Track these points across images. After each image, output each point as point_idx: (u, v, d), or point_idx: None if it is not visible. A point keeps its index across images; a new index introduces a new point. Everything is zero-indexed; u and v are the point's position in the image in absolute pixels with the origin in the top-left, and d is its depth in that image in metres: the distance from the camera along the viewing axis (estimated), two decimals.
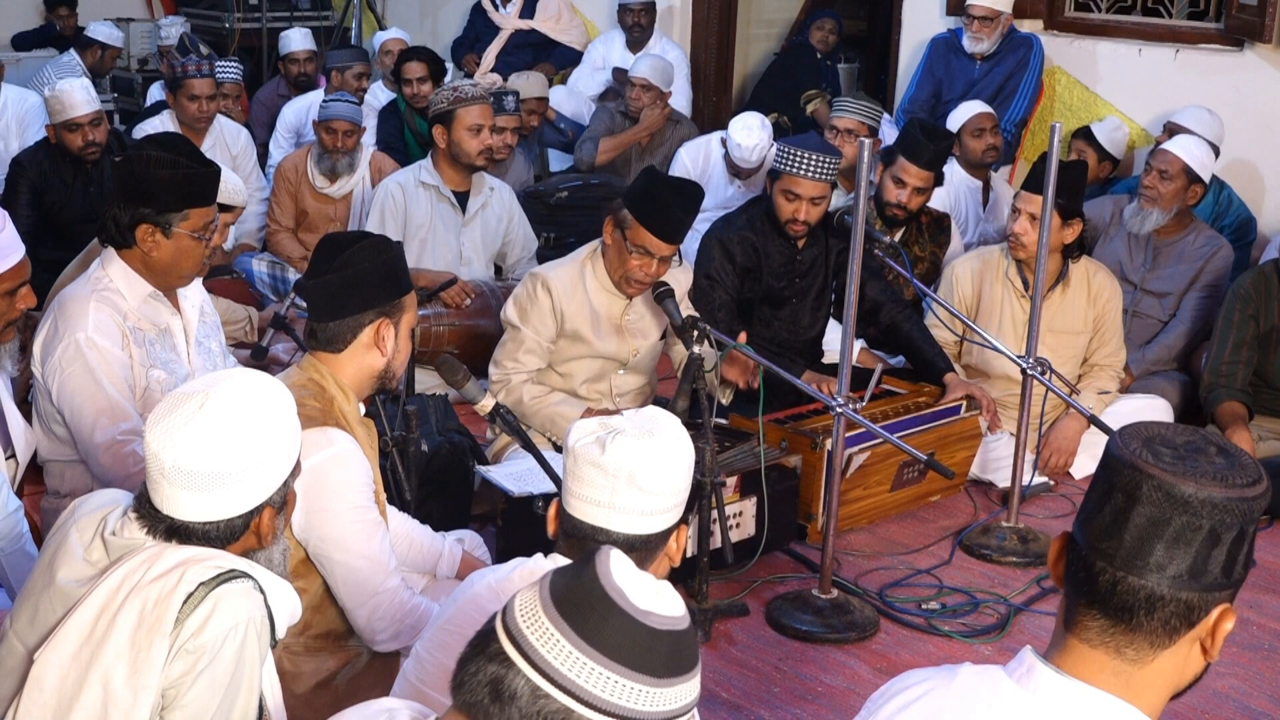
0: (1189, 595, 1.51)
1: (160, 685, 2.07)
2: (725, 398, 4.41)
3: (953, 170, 6.02)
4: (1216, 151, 5.91)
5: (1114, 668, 1.55)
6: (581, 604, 1.47)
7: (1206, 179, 5.30)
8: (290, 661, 2.80)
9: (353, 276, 2.79)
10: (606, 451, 2.17)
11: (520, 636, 1.48)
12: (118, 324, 3.31)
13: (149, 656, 2.06)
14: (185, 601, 2.07)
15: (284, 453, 2.21)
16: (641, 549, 2.22)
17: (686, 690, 1.49)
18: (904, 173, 5.18)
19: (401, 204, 5.36)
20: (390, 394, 3.07)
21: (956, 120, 6.09)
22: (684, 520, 2.30)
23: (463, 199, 5.47)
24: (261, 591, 2.16)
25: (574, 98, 7.86)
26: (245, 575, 2.14)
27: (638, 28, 8.04)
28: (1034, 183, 4.55)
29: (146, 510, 2.18)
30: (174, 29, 8.44)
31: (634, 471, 2.17)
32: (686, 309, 4.24)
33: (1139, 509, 1.51)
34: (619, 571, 1.50)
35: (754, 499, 3.93)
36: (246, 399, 2.15)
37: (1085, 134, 6.32)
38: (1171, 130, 5.89)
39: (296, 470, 2.28)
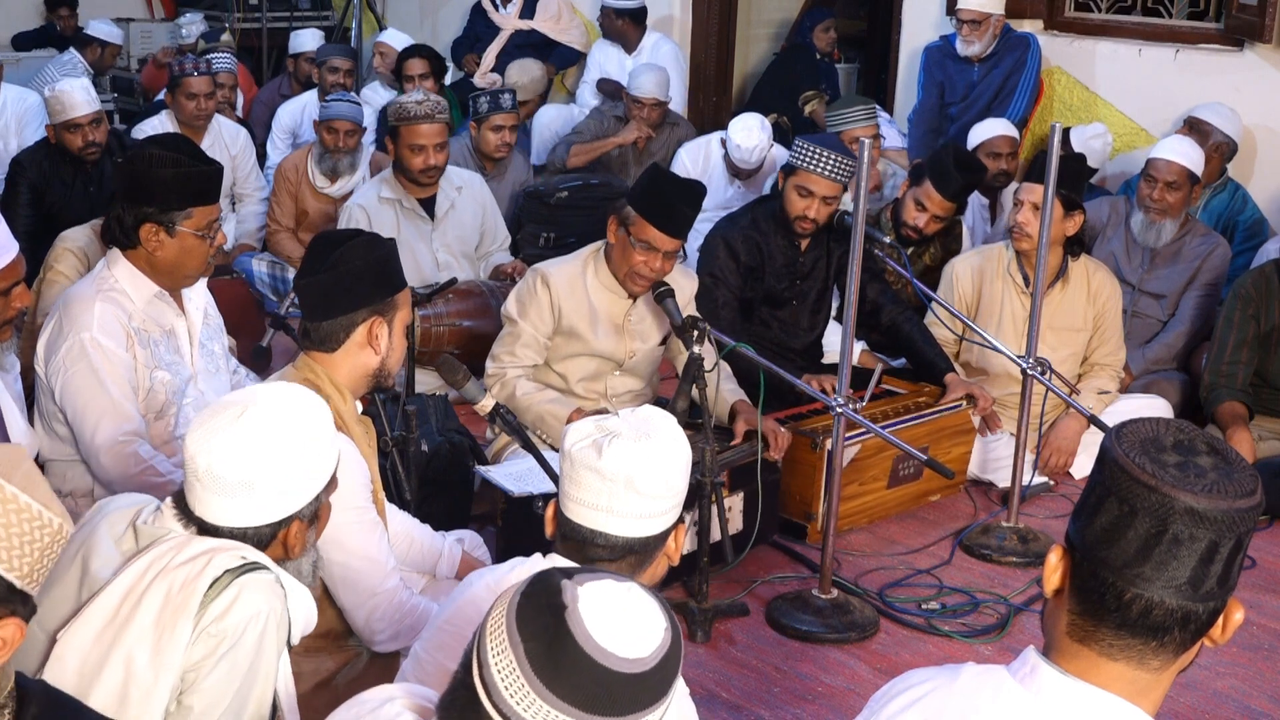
0: (1217, 604, 1.52)
1: (182, 666, 2.10)
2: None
3: None
4: (1235, 147, 5.91)
5: (1132, 676, 1.54)
6: (567, 669, 1.47)
7: (1200, 174, 5.30)
8: (290, 661, 2.79)
9: (345, 275, 2.79)
10: (603, 456, 2.16)
11: (516, 716, 1.48)
12: (122, 324, 3.31)
13: (173, 637, 2.09)
14: (211, 586, 2.11)
15: (316, 468, 2.25)
16: (640, 551, 2.21)
17: (667, 714, 1.53)
18: (928, 198, 5.13)
19: (366, 224, 5.25)
20: (390, 393, 3.07)
21: (978, 136, 5.99)
22: (682, 519, 2.29)
23: (429, 204, 5.44)
24: (282, 589, 2.19)
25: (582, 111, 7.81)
26: (269, 569, 2.18)
27: (614, 31, 7.97)
28: (1036, 173, 4.55)
29: (182, 509, 2.23)
30: (194, 27, 8.54)
31: (632, 476, 2.16)
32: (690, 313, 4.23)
33: (1143, 522, 1.49)
34: (594, 624, 1.50)
35: (741, 494, 3.94)
36: (285, 412, 2.20)
37: (1064, 134, 6.25)
38: (1192, 125, 5.87)
39: (331, 486, 2.32)
